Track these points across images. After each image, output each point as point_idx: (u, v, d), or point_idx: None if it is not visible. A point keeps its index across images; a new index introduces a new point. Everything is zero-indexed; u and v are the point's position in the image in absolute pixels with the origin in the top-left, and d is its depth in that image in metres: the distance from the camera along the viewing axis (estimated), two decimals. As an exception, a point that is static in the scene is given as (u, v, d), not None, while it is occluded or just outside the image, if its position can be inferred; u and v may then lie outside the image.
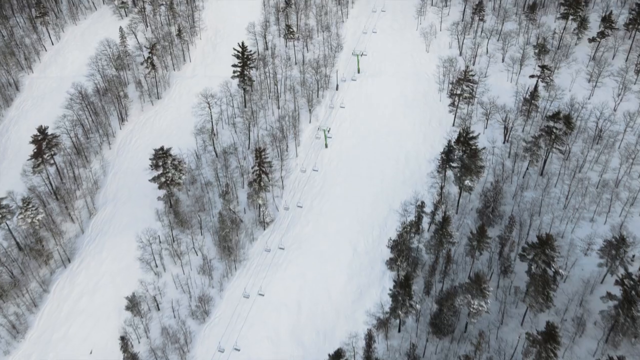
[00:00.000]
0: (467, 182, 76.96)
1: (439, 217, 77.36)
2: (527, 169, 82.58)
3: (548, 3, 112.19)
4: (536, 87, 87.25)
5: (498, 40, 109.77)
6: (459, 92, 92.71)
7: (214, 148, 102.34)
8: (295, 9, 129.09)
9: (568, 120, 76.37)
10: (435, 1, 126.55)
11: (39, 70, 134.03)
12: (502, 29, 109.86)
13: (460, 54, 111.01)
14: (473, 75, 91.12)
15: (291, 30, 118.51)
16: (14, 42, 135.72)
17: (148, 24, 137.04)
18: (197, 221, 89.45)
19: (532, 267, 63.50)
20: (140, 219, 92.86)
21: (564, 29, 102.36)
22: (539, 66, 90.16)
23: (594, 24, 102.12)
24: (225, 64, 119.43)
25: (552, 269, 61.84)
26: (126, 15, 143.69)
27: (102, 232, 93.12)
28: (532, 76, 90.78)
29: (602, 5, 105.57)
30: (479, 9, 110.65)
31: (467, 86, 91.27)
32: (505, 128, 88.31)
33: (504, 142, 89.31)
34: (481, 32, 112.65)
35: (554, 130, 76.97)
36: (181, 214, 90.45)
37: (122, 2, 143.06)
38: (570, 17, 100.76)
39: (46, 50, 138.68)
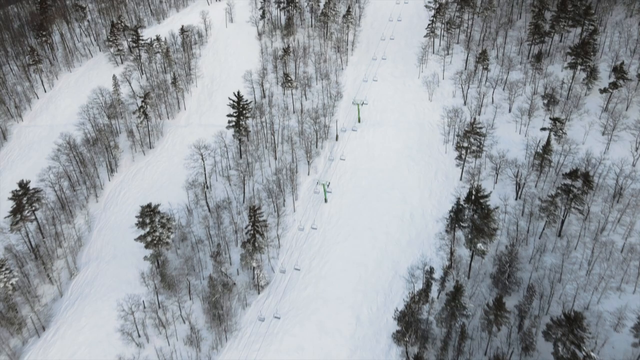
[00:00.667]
0: (479, 245, 70.44)
1: (449, 284, 70.43)
2: (544, 229, 76.19)
3: (554, 52, 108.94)
4: (548, 141, 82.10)
5: (504, 90, 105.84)
6: (465, 145, 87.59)
7: (207, 203, 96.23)
8: (293, 57, 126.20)
9: (587, 179, 70.69)
10: (437, 49, 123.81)
11: (29, 119, 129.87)
12: (507, 79, 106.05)
13: (465, 103, 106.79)
14: (480, 128, 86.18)
15: (289, 78, 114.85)
16: (4, 90, 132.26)
17: (143, 72, 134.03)
18: (185, 285, 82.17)
19: (560, 348, 56.08)
20: (125, 281, 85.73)
21: (573, 78, 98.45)
22: (550, 119, 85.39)
23: (604, 74, 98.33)
24: (221, 113, 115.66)
25: (583, 352, 54.44)
26: (122, 63, 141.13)
27: (82, 295, 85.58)
28: (543, 129, 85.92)
29: (610, 55, 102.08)
30: (482, 58, 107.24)
31: (475, 139, 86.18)
32: (518, 184, 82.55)
33: (516, 199, 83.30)
34: (485, 81, 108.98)
35: (572, 189, 71.16)
36: (168, 277, 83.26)
37: (118, 50, 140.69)
38: (579, 66, 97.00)
39: (38, 98, 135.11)
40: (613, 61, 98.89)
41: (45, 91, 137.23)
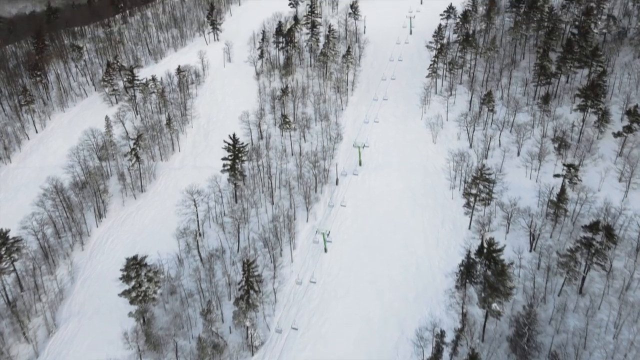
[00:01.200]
0: (494, 305, 64.11)
1: (463, 349, 63.70)
2: (563, 286, 69.97)
3: (561, 94, 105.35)
4: (563, 188, 76.94)
5: (511, 132, 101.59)
6: (474, 191, 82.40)
7: (199, 252, 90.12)
8: (292, 97, 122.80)
9: (610, 232, 65.16)
10: (440, 90, 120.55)
11: (17, 160, 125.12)
12: (514, 121, 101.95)
13: (471, 146, 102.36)
14: (490, 174, 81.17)
15: (287, 120, 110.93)
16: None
17: (138, 112, 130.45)
18: (172, 347, 75.10)
19: None
20: (107, 341, 78.41)
21: (584, 121, 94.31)
22: (563, 164, 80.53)
23: (616, 116, 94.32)
24: (216, 154, 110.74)
25: None
26: (117, 103, 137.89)
27: (60, 357, 78.30)
28: (556, 175, 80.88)
29: (621, 97, 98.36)
30: (487, 100, 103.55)
31: (484, 185, 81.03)
32: (532, 235, 76.83)
33: (530, 251, 77.37)
34: (491, 123, 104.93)
35: (593, 242, 65.45)
36: (154, 337, 76.28)
37: (114, 90, 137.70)
38: (589, 109, 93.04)
39: (29, 139, 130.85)
40: (625, 103, 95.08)
41: (36, 132, 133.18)
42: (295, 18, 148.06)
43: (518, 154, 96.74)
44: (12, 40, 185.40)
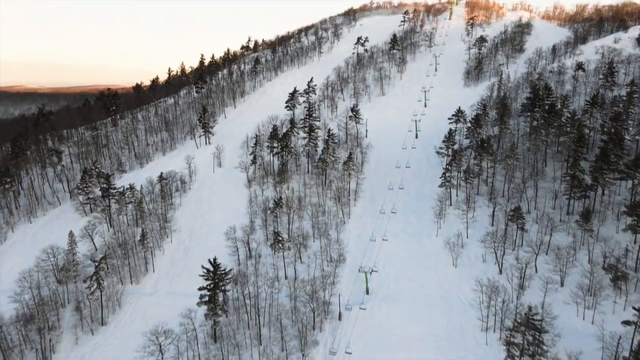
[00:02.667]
0: None
1: None
2: None
3: (602, 209, 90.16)
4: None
5: (547, 254, 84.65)
6: (518, 340, 63.38)
7: (159, 420, 68.45)
8: (287, 209, 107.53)
9: None
10: (456, 201, 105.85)
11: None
12: (550, 241, 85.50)
13: (500, 271, 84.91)
14: (539, 320, 62.72)
15: (280, 238, 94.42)
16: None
17: (112, 225, 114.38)
18: None
19: None
20: None
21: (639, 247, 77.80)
22: (634, 308, 62.41)
23: (677, 239, 77.96)
24: (196, 277, 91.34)
25: None
26: (91, 212, 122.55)
27: None
28: (626, 322, 62.48)
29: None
30: (516, 216, 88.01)
31: (532, 335, 62.17)
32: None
33: None
34: (522, 243, 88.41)
35: None
36: None
37: (88, 198, 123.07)
38: (642, 229, 77.06)
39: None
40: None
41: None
42: (292, 121, 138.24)
43: (562, 284, 78.86)
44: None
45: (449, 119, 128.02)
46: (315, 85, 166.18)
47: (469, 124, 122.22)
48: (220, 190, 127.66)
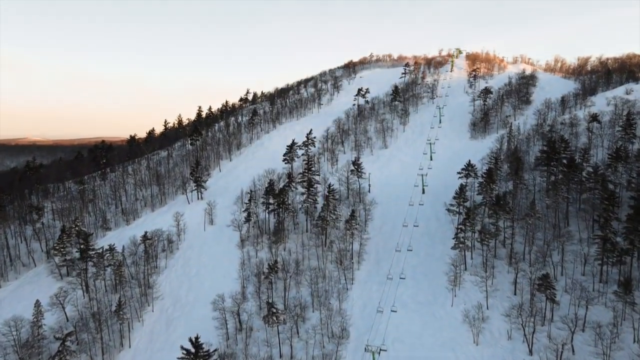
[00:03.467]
0: None
1: None
2: None
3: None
4: None
5: (584, 331, 72.69)
6: None
7: None
8: (283, 273, 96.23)
9: None
10: (471, 264, 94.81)
11: None
12: (586, 316, 73.79)
13: (531, 352, 72.63)
14: None
15: (274, 310, 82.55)
16: None
17: (88, 291, 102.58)
18: None
19: None
20: None
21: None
22: None
23: None
24: (179, 352, 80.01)
25: None
26: (67, 275, 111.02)
27: None
28: None
29: None
30: (545, 285, 76.72)
31: None
32: None
33: None
34: (552, 316, 76.61)
35: None
36: None
37: (65, 260, 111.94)
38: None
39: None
40: None
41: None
42: (290, 176, 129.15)
43: (608, 370, 66.53)
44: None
45: (459, 173, 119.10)
46: (314, 138, 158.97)
47: (480, 179, 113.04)
48: (211, 250, 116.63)
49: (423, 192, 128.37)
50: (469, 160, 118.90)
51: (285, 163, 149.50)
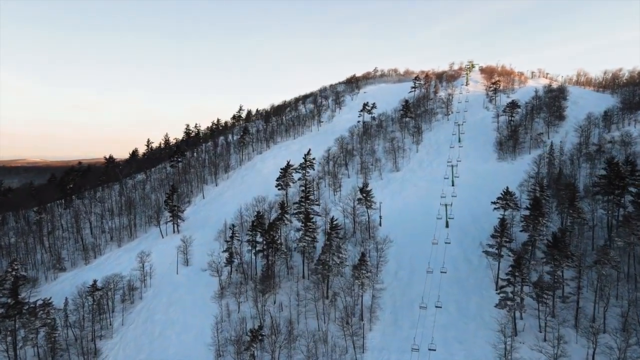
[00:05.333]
0: None
1: None
2: None
3: None
4: None
5: None
6: None
7: None
8: (271, 337, 71.36)
9: None
10: (524, 328, 70.03)
11: None
12: None
13: None
14: None
15: (255, 407, 57.44)
16: None
17: (16, 357, 77.49)
18: None
19: None
20: None
21: None
22: None
23: None
24: None
25: None
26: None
27: None
28: None
29: None
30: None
31: None
32: None
33: None
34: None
35: None
36: None
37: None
38: None
39: None
40: None
41: None
42: (283, 205, 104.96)
43: None
44: None
45: (493, 203, 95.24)
46: (313, 159, 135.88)
47: (523, 210, 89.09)
48: (182, 301, 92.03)
49: (446, 226, 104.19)
50: (507, 188, 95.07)
51: (279, 189, 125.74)
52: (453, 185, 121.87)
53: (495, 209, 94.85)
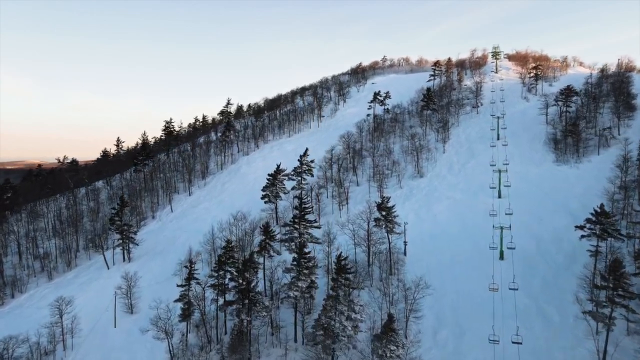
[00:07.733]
0: None
1: None
2: None
3: None
4: None
5: None
6: None
7: None
8: None
9: None
10: None
11: None
12: None
13: None
14: None
15: None
16: None
17: None
18: None
19: None
20: None
21: None
22: None
23: None
24: None
25: None
26: None
27: None
28: None
29: None
30: None
31: None
32: None
33: None
34: None
35: None
36: None
37: None
38: None
39: None
40: None
41: None
42: (267, 228, 72.92)
43: None
44: None
45: (579, 227, 63.56)
46: (312, 162, 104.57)
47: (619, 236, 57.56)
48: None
49: (501, 258, 72.46)
50: (601, 205, 63.25)
51: (265, 202, 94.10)
52: (500, 197, 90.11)
53: (583, 236, 63.24)
